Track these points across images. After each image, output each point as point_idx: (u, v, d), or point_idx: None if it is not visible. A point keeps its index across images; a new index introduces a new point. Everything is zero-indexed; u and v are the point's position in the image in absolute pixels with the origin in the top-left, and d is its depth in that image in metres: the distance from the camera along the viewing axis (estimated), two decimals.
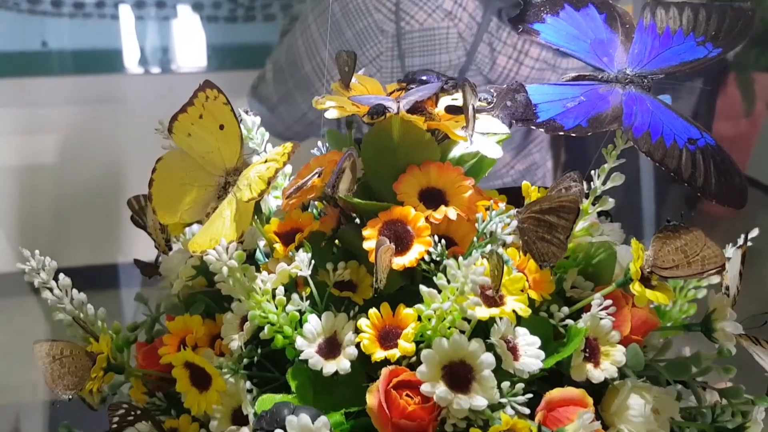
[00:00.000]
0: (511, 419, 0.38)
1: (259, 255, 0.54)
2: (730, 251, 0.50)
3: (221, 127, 0.45)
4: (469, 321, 0.41)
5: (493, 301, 0.41)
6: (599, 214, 0.52)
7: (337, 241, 0.51)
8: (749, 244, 0.49)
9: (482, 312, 0.40)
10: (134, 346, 0.55)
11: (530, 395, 0.40)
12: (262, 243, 0.53)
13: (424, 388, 0.39)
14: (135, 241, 0.61)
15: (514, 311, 0.41)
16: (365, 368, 0.45)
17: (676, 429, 0.47)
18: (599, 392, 0.46)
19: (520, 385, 0.40)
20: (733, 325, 0.45)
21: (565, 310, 0.45)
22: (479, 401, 0.38)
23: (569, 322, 0.44)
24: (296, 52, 0.89)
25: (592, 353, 0.44)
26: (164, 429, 0.47)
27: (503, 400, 0.39)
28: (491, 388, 0.39)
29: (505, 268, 0.41)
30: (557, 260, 0.42)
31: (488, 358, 0.39)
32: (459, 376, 0.39)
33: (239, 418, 0.45)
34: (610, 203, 0.48)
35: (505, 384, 0.39)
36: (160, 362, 0.48)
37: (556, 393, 0.42)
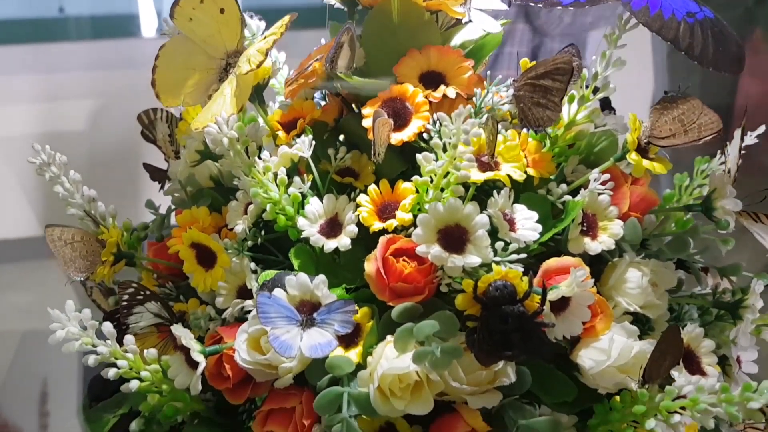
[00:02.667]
0: (502, 270, 0.38)
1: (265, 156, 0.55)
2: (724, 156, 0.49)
3: (222, 10, 0.46)
4: (466, 191, 0.42)
5: (488, 166, 0.42)
6: (603, 108, 0.51)
7: (341, 137, 0.52)
8: None
9: (476, 175, 0.41)
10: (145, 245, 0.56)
11: (524, 255, 0.40)
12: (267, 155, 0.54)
13: (420, 249, 0.40)
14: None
15: (509, 176, 0.42)
16: (366, 252, 0.46)
17: (675, 306, 0.48)
18: (599, 271, 0.46)
19: (513, 245, 0.40)
20: (732, 202, 0.45)
21: (564, 187, 0.45)
22: (473, 259, 0.39)
23: (567, 198, 0.45)
24: None
25: (589, 227, 0.44)
26: (173, 312, 0.48)
27: (497, 259, 0.40)
28: (485, 247, 0.39)
29: (501, 137, 0.42)
30: (551, 124, 0.42)
31: (482, 218, 0.39)
32: (453, 238, 0.40)
33: (244, 295, 0.46)
34: (611, 89, 0.48)
35: (499, 244, 0.40)
36: (168, 253, 0.50)
37: (552, 262, 0.42)
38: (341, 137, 0.52)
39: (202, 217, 0.50)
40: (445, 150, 0.41)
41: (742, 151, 0.46)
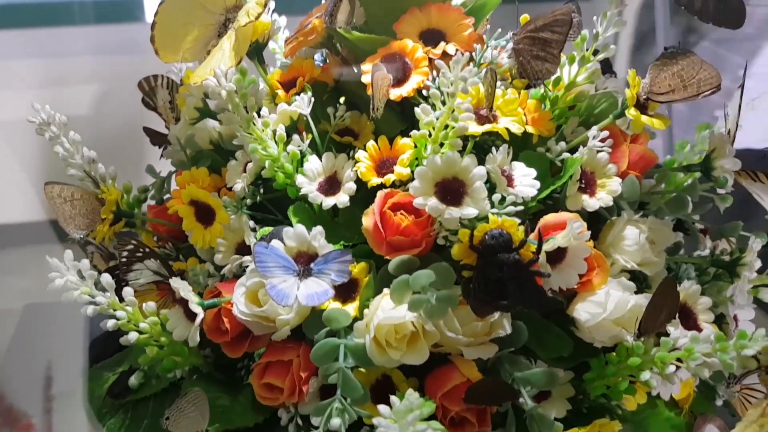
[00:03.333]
0: (498, 220, 0.38)
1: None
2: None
3: None
4: (464, 146, 0.42)
5: (487, 119, 0.42)
6: (604, 71, 0.51)
7: (342, 100, 0.52)
8: None
9: (474, 127, 0.41)
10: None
11: (520, 208, 0.40)
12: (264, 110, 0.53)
13: (417, 201, 0.40)
14: None
15: (507, 130, 0.41)
16: (364, 211, 0.46)
17: (673, 266, 0.48)
18: (597, 230, 0.46)
19: (510, 198, 0.40)
20: (732, 161, 0.45)
21: (563, 144, 0.45)
22: (470, 211, 0.39)
23: (566, 155, 0.45)
24: None
25: (587, 184, 0.44)
26: (172, 270, 0.49)
27: (494, 211, 0.40)
28: (482, 199, 0.39)
29: (500, 91, 0.42)
30: (550, 76, 0.42)
31: (480, 170, 0.39)
32: (451, 190, 0.40)
33: (242, 251, 0.46)
34: (611, 50, 0.48)
35: (496, 197, 0.40)
36: (168, 213, 0.50)
37: (550, 217, 0.42)
38: (341, 99, 0.52)
39: (201, 177, 0.50)
40: (444, 103, 0.41)
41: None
